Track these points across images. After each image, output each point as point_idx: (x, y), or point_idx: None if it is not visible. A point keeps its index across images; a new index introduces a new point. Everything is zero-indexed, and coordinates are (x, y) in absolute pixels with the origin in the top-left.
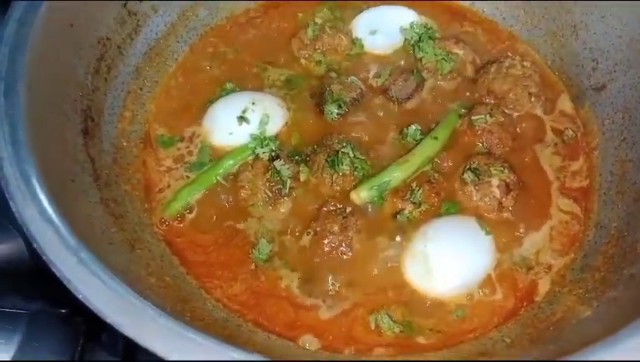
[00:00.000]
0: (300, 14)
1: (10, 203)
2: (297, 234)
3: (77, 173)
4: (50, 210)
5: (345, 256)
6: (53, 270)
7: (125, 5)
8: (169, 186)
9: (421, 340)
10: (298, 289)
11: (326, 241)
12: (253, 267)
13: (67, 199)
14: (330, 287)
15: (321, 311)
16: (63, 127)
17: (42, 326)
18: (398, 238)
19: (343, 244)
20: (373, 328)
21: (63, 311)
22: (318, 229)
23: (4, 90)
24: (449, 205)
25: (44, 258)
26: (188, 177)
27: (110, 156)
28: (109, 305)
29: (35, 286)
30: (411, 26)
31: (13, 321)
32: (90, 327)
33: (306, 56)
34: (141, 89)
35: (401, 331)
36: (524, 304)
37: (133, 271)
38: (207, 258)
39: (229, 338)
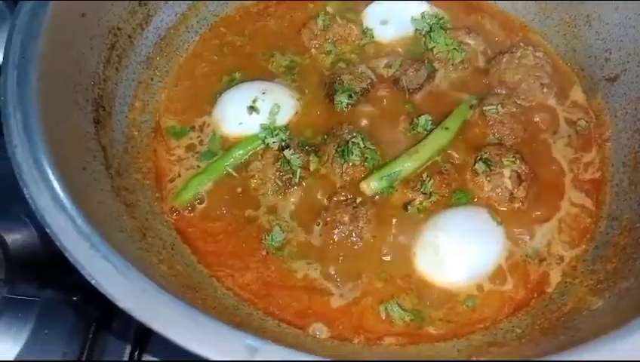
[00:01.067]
0: (311, 4)
1: (24, 190)
2: (307, 223)
3: (89, 162)
4: (63, 197)
5: (355, 246)
6: (67, 256)
7: None
8: (180, 175)
9: (431, 330)
10: (312, 276)
11: (336, 231)
12: (264, 253)
13: (79, 186)
14: (341, 274)
15: (332, 299)
16: (74, 116)
17: (54, 314)
18: (408, 228)
19: (354, 234)
20: (383, 317)
21: (75, 298)
22: (328, 219)
23: (16, 78)
24: (460, 195)
25: (57, 244)
26: (199, 167)
27: (121, 145)
28: (121, 291)
29: (46, 274)
30: (422, 16)
31: (24, 309)
32: (101, 315)
33: (317, 46)
34: (152, 79)
35: (411, 319)
36: (535, 295)
37: (144, 259)
38: (218, 247)
39: (240, 325)
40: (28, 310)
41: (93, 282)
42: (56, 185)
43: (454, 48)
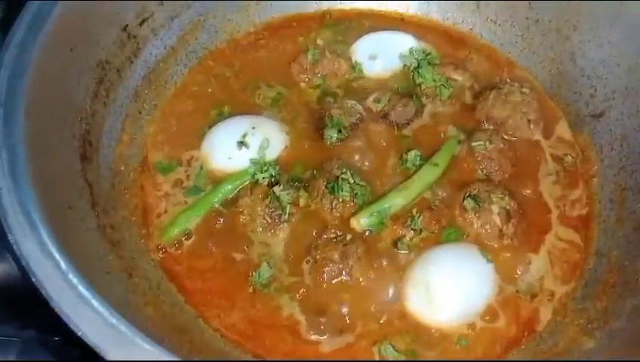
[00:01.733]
0: (301, 38)
1: (9, 235)
2: (296, 261)
3: (75, 200)
4: (49, 243)
5: (345, 285)
6: (52, 305)
7: (125, 29)
8: (166, 211)
9: None
10: (297, 319)
11: (326, 270)
12: (251, 290)
13: (65, 228)
14: (331, 318)
15: (321, 345)
16: (61, 153)
17: (34, 354)
18: (399, 266)
19: (344, 272)
20: (377, 358)
21: (56, 339)
22: (317, 257)
23: (3, 117)
24: (450, 232)
25: (43, 293)
26: (186, 202)
27: (108, 181)
28: (108, 343)
29: (26, 313)
30: (410, 52)
31: (4, 349)
32: (82, 356)
33: (306, 80)
34: (140, 112)
35: (406, 359)
36: (526, 333)
37: (130, 302)
38: (205, 285)
39: None
40: (7, 351)
41: (79, 334)
42: (42, 230)
43: (442, 84)
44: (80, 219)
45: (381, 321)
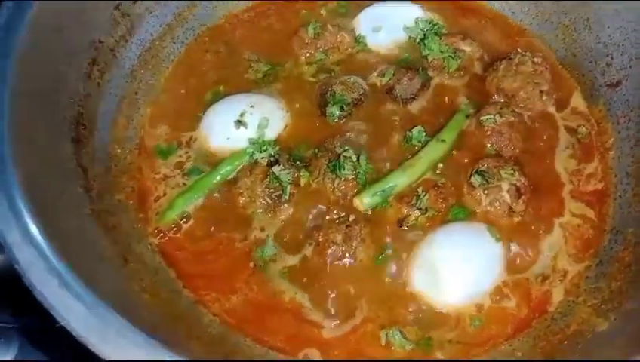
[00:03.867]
0: (303, 11)
1: None
2: (298, 243)
3: (67, 185)
4: (34, 230)
5: (350, 267)
6: (35, 294)
7: (118, 7)
8: (165, 194)
9: (437, 355)
10: (300, 302)
11: (329, 252)
12: (252, 265)
13: (55, 214)
14: (335, 301)
15: (325, 329)
16: (51, 137)
17: (36, 341)
18: (404, 247)
19: (347, 254)
20: (383, 344)
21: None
22: (320, 239)
23: None
24: (457, 211)
25: (25, 281)
26: (184, 184)
27: (103, 164)
28: (93, 333)
29: (23, 300)
30: (416, 23)
31: (5, 336)
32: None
33: (308, 55)
34: (136, 93)
35: (412, 349)
36: (537, 314)
37: (125, 289)
38: (205, 269)
39: (228, 354)
40: (8, 337)
41: (63, 323)
42: (27, 216)
43: (449, 55)
44: (72, 204)
45: (387, 304)
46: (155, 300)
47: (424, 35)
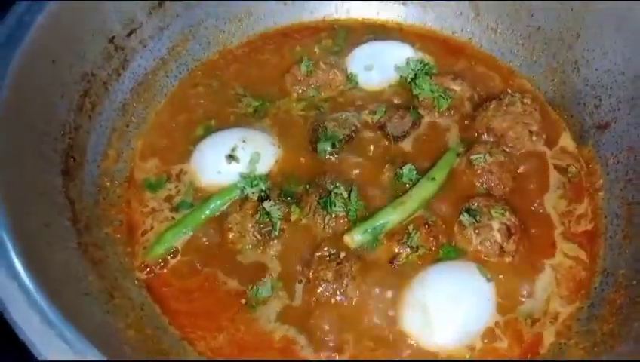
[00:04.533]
0: (296, 49)
1: None
2: (289, 280)
3: (54, 218)
4: (18, 265)
5: (340, 305)
6: (16, 331)
7: (112, 40)
8: (152, 228)
9: None
10: (290, 341)
11: (320, 290)
12: (243, 302)
13: (40, 248)
14: (326, 340)
15: None
16: (40, 169)
17: None
18: (395, 285)
19: (338, 292)
20: None
21: None
22: (310, 276)
23: None
24: (448, 249)
25: (5, 316)
26: (173, 218)
27: (92, 197)
28: None
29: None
30: (407, 62)
31: None
32: None
33: (300, 92)
34: (127, 126)
35: None
36: (529, 356)
37: (110, 324)
38: (191, 306)
39: None
40: None
41: (41, 359)
42: (10, 249)
43: (440, 95)
44: (58, 238)
45: (379, 344)
46: (139, 336)
47: (415, 74)
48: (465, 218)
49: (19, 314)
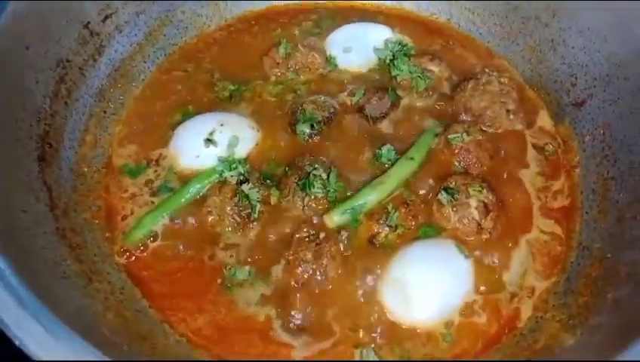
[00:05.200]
0: (275, 32)
1: None
2: (268, 262)
3: (31, 203)
4: None
5: (320, 285)
6: None
7: (87, 26)
8: (132, 213)
9: None
10: (269, 322)
11: (299, 270)
12: (219, 282)
13: (17, 232)
14: (306, 320)
15: (295, 350)
16: (15, 155)
17: None
18: (374, 264)
19: (318, 273)
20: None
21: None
22: (290, 258)
23: None
24: (427, 228)
25: None
26: (153, 203)
27: (69, 183)
28: (48, 351)
29: None
30: (385, 44)
31: None
32: None
33: (279, 74)
34: (105, 112)
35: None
36: (506, 330)
37: (88, 307)
38: (171, 289)
39: None
40: None
41: (17, 343)
42: None
43: (418, 76)
44: (36, 223)
45: (359, 322)
46: (119, 319)
47: (393, 55)
48: (443, 196)
49: None
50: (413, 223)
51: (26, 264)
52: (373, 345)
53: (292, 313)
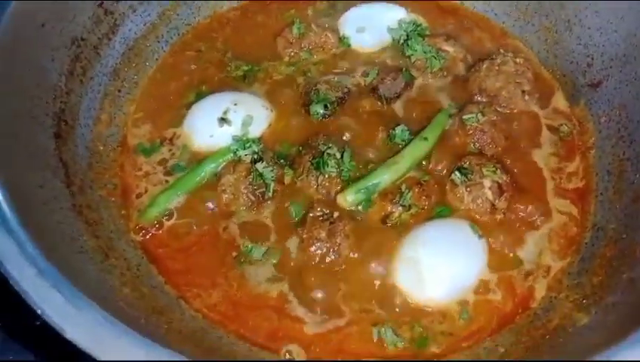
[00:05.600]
0: (288, 11)
1: None
2: (282, 240)
3: (47, 179)
4: (11, 218)
5: (334, 263)
6: (11, 282)
7: (101, 5)
8: (147, 191)
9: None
10: (283, 299)
11: (313, 249)
12: (234, 255)
13: (34, 206)
14: (320, 297)
15: (307, 325)
16: (32, 132)
17: (16, 340)
18: (388, 243)
19: (332, 251)
20: (375, 341)
21: (37, 323)
22: (304, 236)
23: None
24: (441, 208)
25: (1, 269)
26: (167, 181)
27: (85, 160)
28: (69, 322)
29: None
30: (399, 24)
31: None
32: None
33: (292, 54)
34: (119, 90)
35: (405, 347)
36: (520, 310)
37: (105, 281)
38: (187, 265)
39: (209, 350)
40: None
41: (39, 312)
42: (5, 206)
43: (433, 56)
44: (53, 198)
45: (374, 300)
46: (135, 294)
47: (407, 35)
48: (457, 176)
49: (14, 267)
50: (427, 203)
51: (44, 237)
52: (390, 323)
53: (304, 291)
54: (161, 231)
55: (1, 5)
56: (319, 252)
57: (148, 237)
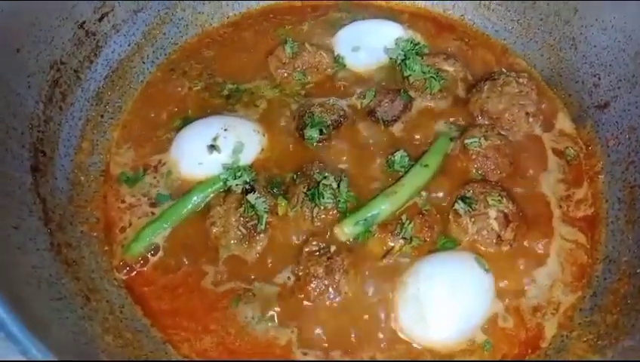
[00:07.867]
0: (280, 30)
1: None
2: (275, 277)
3: (23, 218)
4: None
5: (333, 302)
6: None
7: (82, 25)
8: (131, 225)
9: None
10: (280, 342)
11: (311, 287)
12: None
13: (8, 251)
14: (321, 340)
15: None
16: (6, 166)
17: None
18: (389, 279)
19: (330, 289)
20: None
21: None
22: (300, 273)
23: None
24: (444, 240)
25: None
26: (153, 213)
27: (65, 194)
28: None
29: None
30: (396, 43)
31: None
32: None
33: (285, 75)
34: (102, 116)
35: None
36: (529, 351)
37: (85, 331)
38: (174, 306)
39: None
40: None
41: None
42: None
43: (432, 76)
44: (29, 240)
45: (378, 340)
46: (118, 342)
47: (405, 55)
48: (460, 206)
49: None
50: (429, 235)
51: (16, 288)
52: None
53: (304, 332)
54: (145, 268)
55: None
56: (318, 290)
57: (133, 274)
